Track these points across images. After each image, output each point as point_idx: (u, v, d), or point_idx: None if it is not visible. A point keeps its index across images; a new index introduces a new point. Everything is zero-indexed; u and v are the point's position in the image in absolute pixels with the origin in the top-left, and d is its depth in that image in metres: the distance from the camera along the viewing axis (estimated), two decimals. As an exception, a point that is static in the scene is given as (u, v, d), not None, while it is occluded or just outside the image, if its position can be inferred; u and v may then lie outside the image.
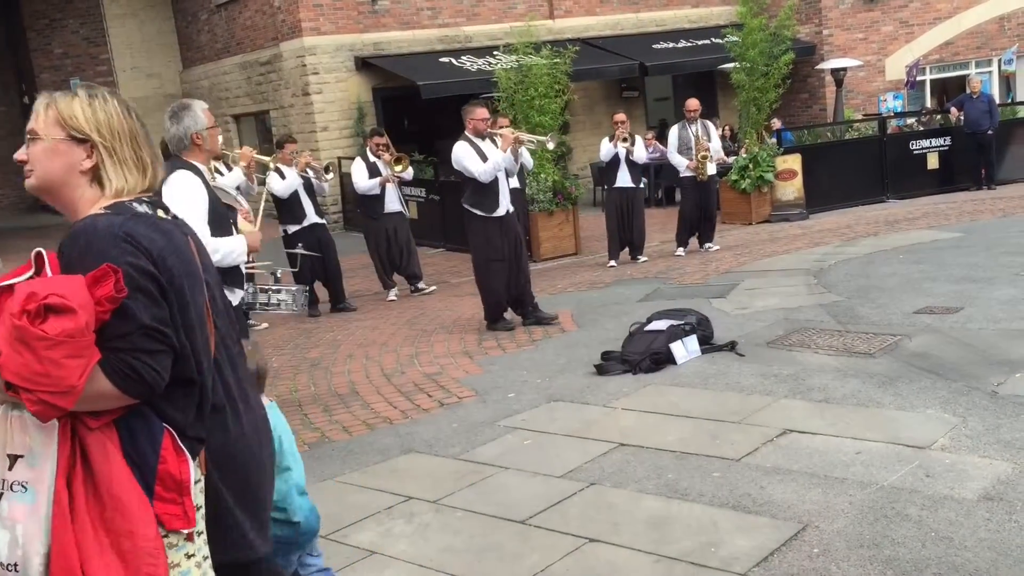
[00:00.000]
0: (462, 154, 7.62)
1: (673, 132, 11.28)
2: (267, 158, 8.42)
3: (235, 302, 4.76)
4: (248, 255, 4.77)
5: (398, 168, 9.83)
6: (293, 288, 5.89)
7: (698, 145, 10.82)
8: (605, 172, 11.10)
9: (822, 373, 5.64)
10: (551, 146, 9.11)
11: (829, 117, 17.49)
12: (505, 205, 7.77)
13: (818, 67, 18.01)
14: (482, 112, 7.86)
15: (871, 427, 4.67)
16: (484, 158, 7.59)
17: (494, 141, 7.80)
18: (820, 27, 18.35)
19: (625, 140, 10.54)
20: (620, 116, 10.95)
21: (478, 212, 7.70)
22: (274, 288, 5.65)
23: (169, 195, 4.45)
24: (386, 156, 9.82)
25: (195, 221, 4.42)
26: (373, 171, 9.81)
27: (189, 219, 4.37)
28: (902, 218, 12.00)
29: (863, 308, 7.21)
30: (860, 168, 14.16)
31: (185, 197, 4.44)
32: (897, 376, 5.44)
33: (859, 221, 12.14)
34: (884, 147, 14.34)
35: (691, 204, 11.03)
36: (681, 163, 11.02)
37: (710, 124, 11.33)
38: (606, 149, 10.72)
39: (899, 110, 18.15)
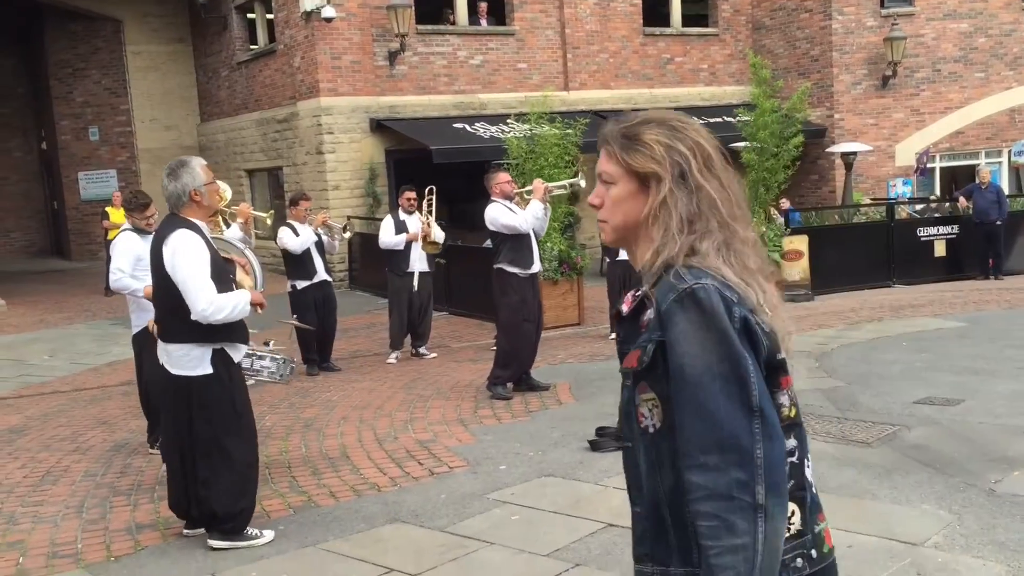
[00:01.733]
0: (497, 213, 7.77)
1: None
2: (264, 214, 8.50)
3: (237, 358, 4.75)
4: (259, 309, 4.76)
5: (430, 249, 9.89)
6: (279, 357, 5.85)
7: None
8: (604, 247, 11.14)
9: (818, 460, 5.53)
10: (583, 184, 9.14)
11: (838, 200, 17.58)
12: (538, 262, 8.00)
13: (828, 150, 18.17)
14: (505, 175, 8.16)
15: (864, 520, 4.58)
16: None
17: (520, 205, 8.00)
18: (832, 111, 18.56)
19: None
20: None
21: (515, 270, 7.77)
22: (259, 354, 5.62)
23: (171, 254, 4.47)
24: (424, 226, 9.86)
25: (199, 279, 4.43)
26: (400, 229, 9.87)
27: (191, 277, 4.41)
28: (907, 304, 11.97)
29: (863, 395, 7.15)
30: (867, 252, 14.19)
31: (188, 256, 4.46)
32: (894, 468, 5.36)
33: (864, 305, 12.11)
34: (892, 232, 14.39)
35: None
36: None
37: None
38: None
39: (908, 196, 18.25)
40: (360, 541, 4.70)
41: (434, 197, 10.27)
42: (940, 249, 14.60)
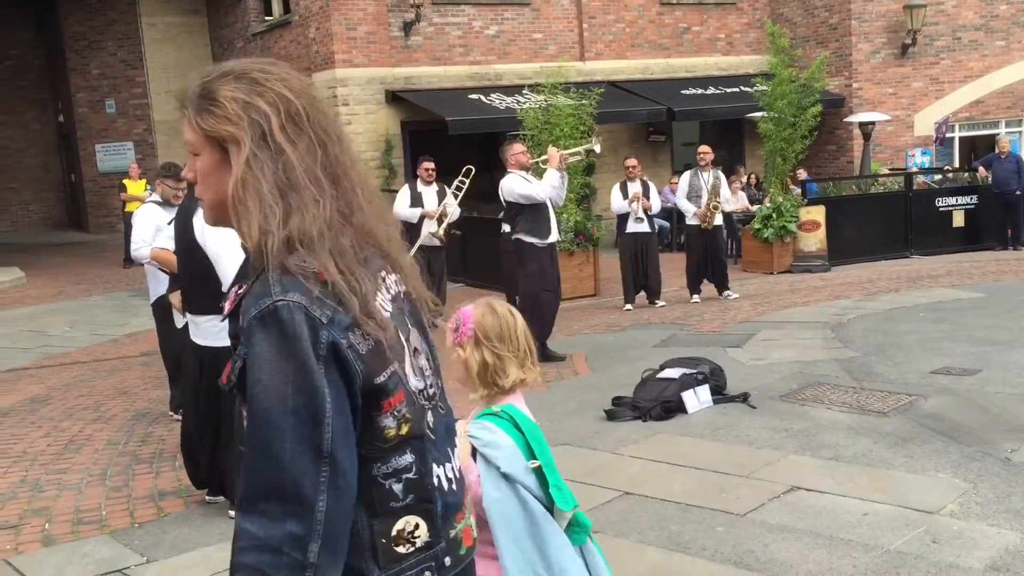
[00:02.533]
0: (514, 183, 7.81)
1: (684, 178, 11.34)
2: None
3: None
4: None
5: (438, 229, 9.84)
6: None
7: (711, 194, 10.84)
8: (618, 217, 11.12)
9: (834, 430, 5.57)
10: (598, 149, 9.11)
11: (856, 170, 17.44)
12: (555, 232, 8.05)
13: (846, 120, 18.01)
14: (520, 146, 8.23)
15: (880, 488, 4.60)
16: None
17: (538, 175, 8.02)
18: (850, 80, 18.37)
19: (636, 198, 10.60)
20: (631, 161, 11.05)
21: (533, 240, 7.80)
22: None
23: (202, 225, 4.49)
24: (442, 209, 9.82)
25: (232, 251, 4.46)
26: (416, 201, 9.87)
27: (225, 247, 4.43)
28: (925, 275, 11.91)
29: (880, 365, 7.14)
30: (884, 222, 14.11)
31: (220, 229, 4.46)
32: (910, 437, 5.37)
33: (881, 276, 12.06)
34: (909, 203, 14.29)
35: (697, 251, 11.03)
36: (689, 209, 11.06)
37: (721, 174, 11.34)
38: (617, 205, 10.81)
39: (927, 166, 18.09)
40: (379, 508, 4.76)
41: (468, 180, 10.21)
42: (958, 219, 14.49)
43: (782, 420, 5.83)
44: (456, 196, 10.17)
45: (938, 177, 16.56)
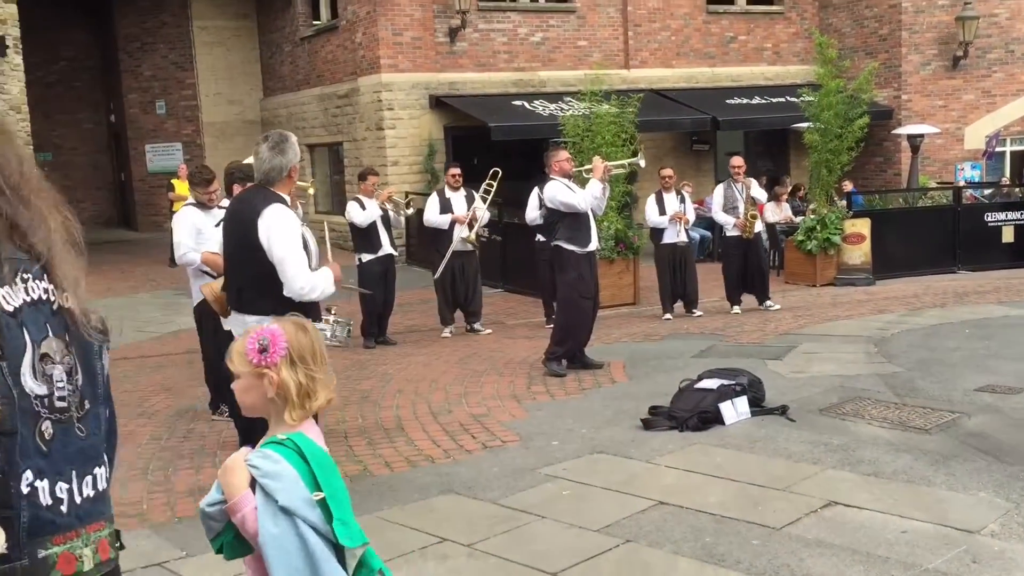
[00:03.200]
0: (556, 190, 7.83)
1: (718, 190, 11.28)
2: (305, 183, 8.65)
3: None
4: (337, 286, 4.85)
5: (469, 235, 9.87)
6: (340, 320, 5.97)
7: (746, 204, 10.79)
8: (654, 228, 11.08)
9: (874, 446, 5.51)
10: (643, 164, 9.14)
11: (903, 183, 17.22)
12: (596, 240, 8.05)
13: (895, 132, 17.78)
14: (565, 154, 8.25)
15: (919, 506, 4.54)
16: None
17: (580, 183, 8.06)
18: (899, 92, 18.15)
19: (677, 218, 10.59)
20: (667, 171, 11.04)
21: (573, 247, 7.81)
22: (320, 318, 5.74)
23: (267, 228, 4.53)
24: (472, 214, 9.88)
25: (296, 255, 4.50)
26: (445, 207, 9.95)
27: (291, 253, 4.47)
28: (971, 291, 11.71)
29: (923, 381, 7.04)
30: (931, 237, 13.89)
31: (286, 232, 4.52)
32: (952, 455, 5.29)
33: (927, 291, 11.88)
34: (958, 217, 14.06)
35: (736, 263, 10.96)
36: (727, 221, 10.99)
37: (753, 181, 11.27)
38: (654, 219, 10.78)
39: (976, 180, 17.79)
40: (414, 511, 4.80)
41: (496, 182, 10.27)
42: (1008, 235, 14.22)
43: (821, 434, 5.77)
44: (484, 200, 10.22)
45: (988, 191, 16.28)
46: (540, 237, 10.38)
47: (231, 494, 2.14)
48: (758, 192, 11.15)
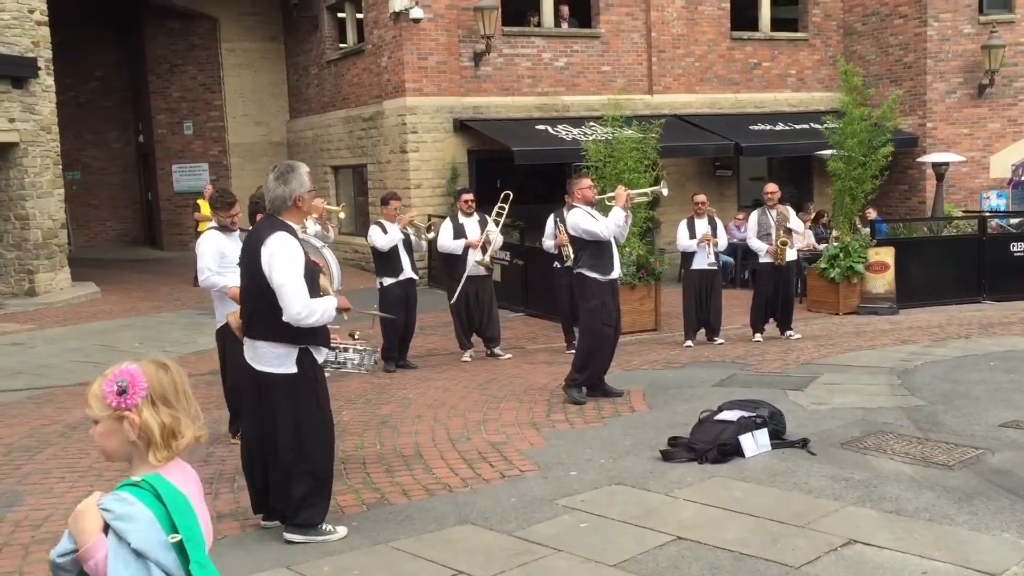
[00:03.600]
0: (579, 218, 7.85)
1: (753, 217, 11.24)
2: (336, 207, 8.70)
3: (320, 359, 4.89)
4: (345, 315, 4.89)
5: (484, 259, 9.89)
6: (364, 349, 5.99)
7: (778, 231, 10.75)
8: (684, 253, 11.07)
9: (896, 482, 5.45)
10: (665, 192, 9.17)
11: (928, 211, 17.10)
12: (618, 268, 8.04)
13: (919, 160, 17.68)
14: (587, 181, 8.27)
15: (941, 546, 4.48)
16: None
17: (602, 211, 8.09)
18: (924, 120, 18.06)
19: (707, 241, 10.59)
20: (701, 197, 11.03)
21: (595, 275, 7.81)
22: (343, 346, 5.76)
23: (268, 256, 4.61)
24: (485, 238, 9.91)
25: (295, 282, 4.57)
26: (459, 232, 10.00)
27: (289, 280, 4.55)
28: (997, 322, 11.59)
29: (946, 416, 6.96)
30: (956, 266, 13.78)
31: (286, 260, 4.59)
32: (975, 493, 5.22)
33: (951, 321, 11.77)
34: (983, 246, 13.94)
35: (767, 290, 10.91)
36: (761, 248, 10.96)
37: (789, 208, 11.24)
38: (684, 243, 10.79)
39: (1002, 209, 17.64)
40: (431, 541, 4.79)
41: (507, 205, 10.30)
42: (1035, 265, 14.07)
43: (842, 469, 5.72)
44: (497, 223, 10.25)
45: (1015, 220, 16.14)
46: (557, 263, 10.41)
47: (82, 541, 2.05)
48: (796, 223, 11.08)
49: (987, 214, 16.14)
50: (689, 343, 10.72)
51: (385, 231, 9.54)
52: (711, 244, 10.72)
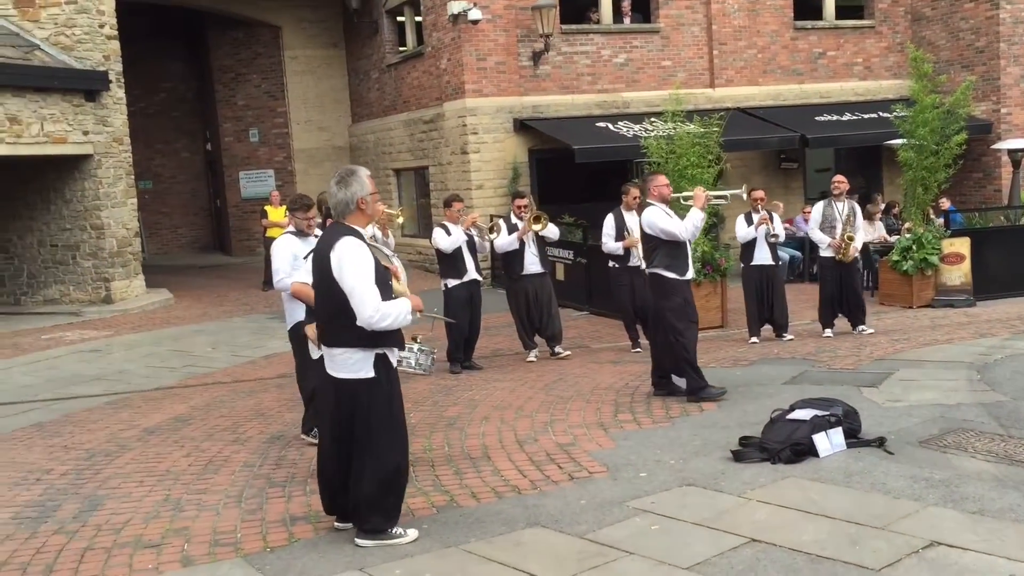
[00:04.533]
0: (656, 217, 7.71)
1: (817, 208, 11.00)
2: (394, 211, 8.76)
3: (394, 361, 4.92)
4: (418, 314, 4.91)
5: (536, 227, 9.89)
6: (424, 349, 6.01)
7: (845, 225, 10.51)
8: (743, 249, 10.88)
9: (979, 481, 5.28)
10: (745, 197, 9.04)
11: (1004, 199, 16.58)
12: (692, 268, 7.99)
13: (994, 147, 17.16)
14: (663, 179, 8.11)
15: (1030, 548, 4.32)
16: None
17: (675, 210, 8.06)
18: (998, 105, 17.52)
19: (764, 222, 10.40)
20: (759, 193, 10.83)
21: (672, 275, 7.70)
22: (404, 346, 5.77)
23: (338, 260, 4.64)
24: (526, 216, 9.93)
25: (366, 286, 4.59)
26: (513, 232, 9.98)
27: (360, 284, 4.58)
28: (1081, 312, 11.18)
29: (1030, 411, 6.73)
30: (1035, 255, 13.31)
31: (355, 263, 4.62)
32: (1063, 492, 5.02)
33: (1032, 313, 11.39)
34: (1063, 234, 13.45)
35: (831, 284, 10.67)
36: (823, 240, 10.72)
37: (856, 205, 10.98)
38: (743, 232, 10.61)
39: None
40: (501, 544, 4.78)
41: (533, 205, 10.19)
42: (1119, 252, 13.53)
43: (921, 468, 5.55)
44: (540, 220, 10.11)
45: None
46: (615, 263, 10.31)
47: None
48: (860, 226, 10.82)
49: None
50: (755, 340, 10.55)
51: (449, 233, 9.58)
52: (768, 224, 10.49)
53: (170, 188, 24.46)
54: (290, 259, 6.70)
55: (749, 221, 10.68)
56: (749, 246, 10.69)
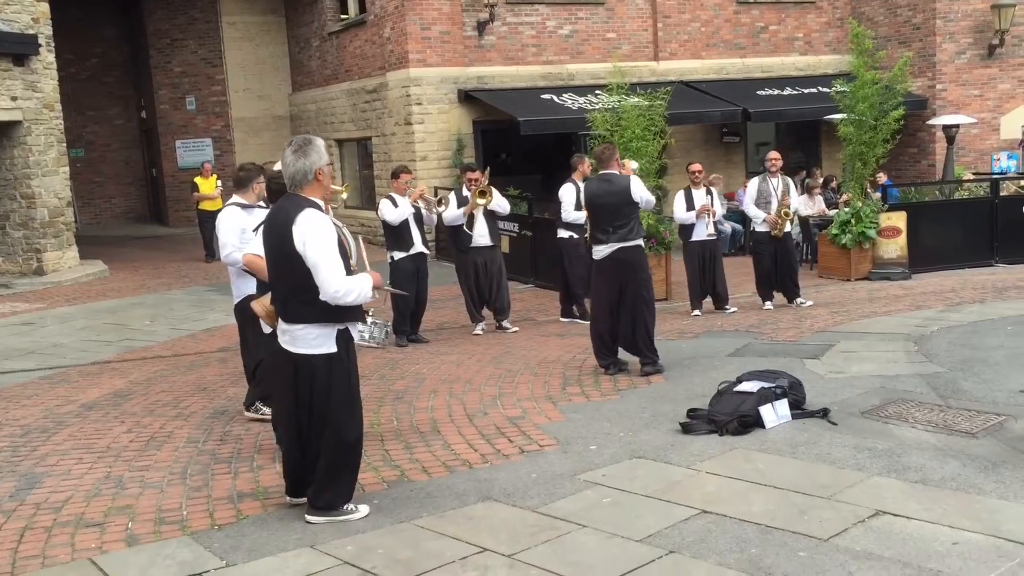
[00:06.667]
0: (644, 189, 8.01)
1: (753, 184, 11.14)
2: (339, 188, 8.65)
3: (356, 337, 4.83)
4: (377, 292, 4.81)
5: (481, 202, 9.83)
6: (377, 322, 5.94)
7: (781, 201, 10.66)
8: (681, 227, 10.96)
9: (920, 451, 5.41)
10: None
11: (938, 174, 16.96)
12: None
13: (929, 122, 17.51)
14: (698, 166, 9.02)
15: (970, 515, 4.44)
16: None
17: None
18: (934, 81, 17.86)
19: (705, 212, 10.52)
20: (696, 166, 10.93)
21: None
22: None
23: (301, 234, 4.50)
24: (473, 189, 9.86)
25: (330, 259, 4.47)
26: (463, 205, 9.92)
27: (325, 258, 4.46)
28: (1011, 285, 11.50)
29: (966, 382, 6.91)
30: (968, 229, 13.66)
31: (320, 237, 4.49)
32: (1000, 461, 5.17)
33: (965, 285, 11.69)
34: (996, 208, 13.81)
35: (765, 259, 10.84)
36: (758, 215, 10.87)
37: (790, 180, 11.16)
38: (681, 215, 10.69)
39: (1013, 171, 17.48)
40: (453, 518, 4.76)
41: (484, 179, 10.08)
42: (1047, 227, 13.95)
43: (864, 438, 5.67)
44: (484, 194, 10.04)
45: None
46: (563, 233, 10.32)
47: None
48: (795, 200, 11.04)
49: (1001, 176, 15.98)
50: (696, 312, 10.67)
51: (396, 205, 9.47)
52: (710, 215, 10.61)
53: (103, 156, 23.79)
54: (238, 232, 6.52)
55: (688, 198, 10.72)
56: (688, 224, 10.78)
